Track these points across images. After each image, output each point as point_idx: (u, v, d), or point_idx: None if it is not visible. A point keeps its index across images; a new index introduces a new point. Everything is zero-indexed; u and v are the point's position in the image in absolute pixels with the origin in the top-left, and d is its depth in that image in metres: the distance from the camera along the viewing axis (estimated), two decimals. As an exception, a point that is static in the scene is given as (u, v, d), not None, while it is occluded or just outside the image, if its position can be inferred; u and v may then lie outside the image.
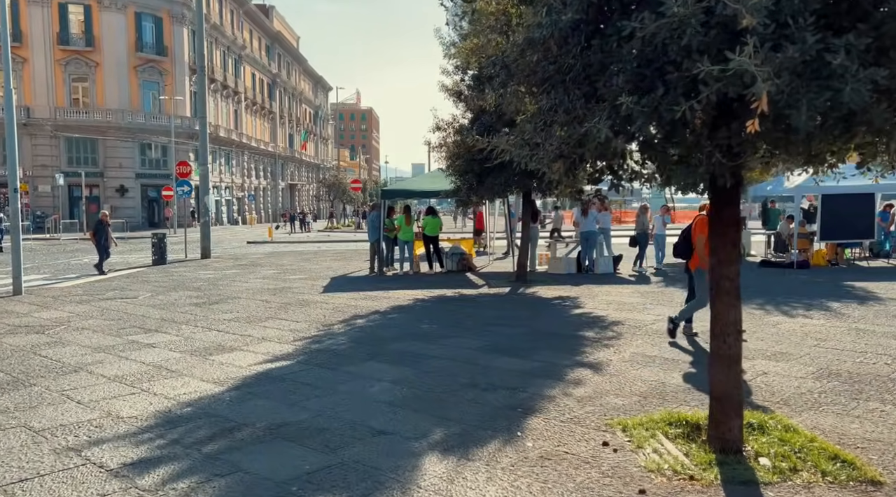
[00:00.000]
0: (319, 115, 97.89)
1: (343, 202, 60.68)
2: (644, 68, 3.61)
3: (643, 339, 8.11)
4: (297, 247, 30.64)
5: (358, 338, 8.60)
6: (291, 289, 13.77)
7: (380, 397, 5.92)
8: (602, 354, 7.36)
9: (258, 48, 72.23)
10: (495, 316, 10.13)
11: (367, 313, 10.53)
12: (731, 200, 4.42)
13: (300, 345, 8.25)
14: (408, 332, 8.95)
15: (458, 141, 13.67)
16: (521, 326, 9.18)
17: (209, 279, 15.88)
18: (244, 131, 65.64)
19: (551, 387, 6.10)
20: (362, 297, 12.31)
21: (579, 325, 9.24)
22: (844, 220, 16.05)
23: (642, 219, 16.10)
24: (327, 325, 9.52)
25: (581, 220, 15.74)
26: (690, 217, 9.54)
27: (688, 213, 45.21)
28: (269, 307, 11.35)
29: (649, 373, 6.53)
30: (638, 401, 5.62)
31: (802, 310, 9.99)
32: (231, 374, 6.85)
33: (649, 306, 10.66)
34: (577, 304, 11.15)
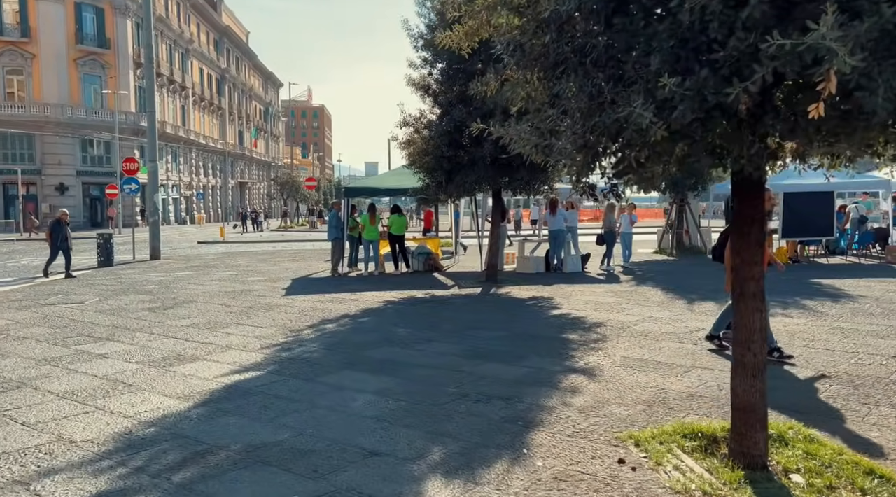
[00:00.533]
0: (270, 111, 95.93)
1: (297, 201, 59.43)
2: (678, 48, 3.25)
3: (630, 342, 7.83)
4: (251, 247, 29.68)
5: (331, 344, 8.08)
6: (251, 291, 13.10)
7: (365, 412, 5.43)
8: (592, 359, 7.03)
9: (206, 43, 70.22)
10: (472, 319, 9.73)
11: (336, 317, 9.99)
12: (754, 195, 4.10)
13: (269, 353, 7.68)
14: (383, 337, 8.46)
15: (426, 137, 13.23)
16: (501, 329, 8.80)
17: (161, 282, 15.03)
18: (192, 128, 63.70)
19: (547, 396, 5.73)
20: (329, 300, 11.75)
21: (561, 327, 8.91)
22: (805, 218, 16.23)
23: (609, 217, 15.94)
24: (295, 331, 8.95)
25: (550, 219, 15.48)
26: (656, 215, 9.27)
27: (652, 212, 45.74)
28: (229, 312, 10.69)
29: (646, 378, 6.22)
30: (642, 410, 5.29)
31: (780, 308, 9.89)
32: (196, 388, 6.26)
33: (627, 306, 10.42)
34: (554, 304, 10.84)
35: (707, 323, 8.84)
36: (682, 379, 6.18)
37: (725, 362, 6.74)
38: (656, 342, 7.78)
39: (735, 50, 2.96)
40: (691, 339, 7.92)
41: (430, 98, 13.28)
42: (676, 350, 7.37)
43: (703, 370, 6.47)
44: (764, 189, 4.14)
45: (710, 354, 7.12)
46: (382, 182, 15.86)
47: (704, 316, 9.39)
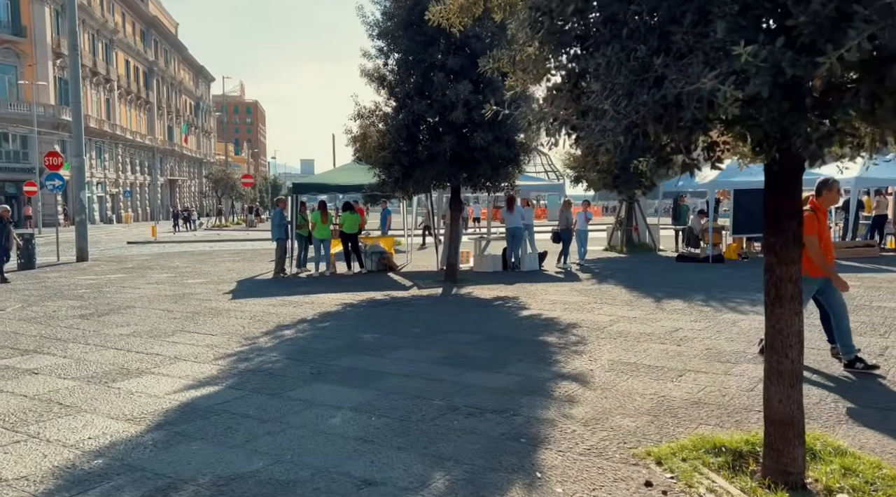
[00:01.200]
0: (201, 106, 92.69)
1: (232, 199, 57.42)
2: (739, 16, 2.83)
3: (611, 344, 7.48)
4: (186, 247, 28.28)
5: (292, 353, 7.41)
6: (194, 295, 12.20)
7: (347, 431, 4.85)
8: (578, 363, 6.63)
9: (132, 33, 67.11)
10: (440, 321, 9.21)
11: (292, 322, 9.30)
12: (793, 187, 3.75)
13: (225, 364, 6.96)
14: (348, 343, 7.85)
15: (382, 130, 12.62)
16: (473, 332, 8.32)
17: (92, 285, 13.89)
18: (118, 122, 60.74)
19: (543, 407, 5.28)
20: (281, 303, 11.01)
21: (535, 329, 8.51)
22: (754, 214, 16.38)
23: (566, 214, 15.71)
24: (250, 339, 8.23)
25: (507, 216, 15.12)
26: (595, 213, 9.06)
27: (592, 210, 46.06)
28: (172, 318, 9.84)
29: (641, 384, 5.86)
30: (649, 421, 4.90)
31: (748, 306, 9.79)
32: (147, 407, 5.52)
33: (596, 306, 10.12)
34: (521, 305, 10.45)
35: (681, 322, 8.61)
36: (678, 384, 5.84)
37: (717, 364, 6.47)
38: (638, 344, 7.46)
39: (815, 15, 2.56)
40: (672, 339, 7.64)
41: (385, 90, 12.67)
42: (661, 352, 7.06)
43: (697, 374, 6.16)
44: (801, 182, 3.80)
45: (698, 357, 6.84)
46: (333, 178, 15.15)
47: (677, 315, 9.17)
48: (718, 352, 6.99)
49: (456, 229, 13.28)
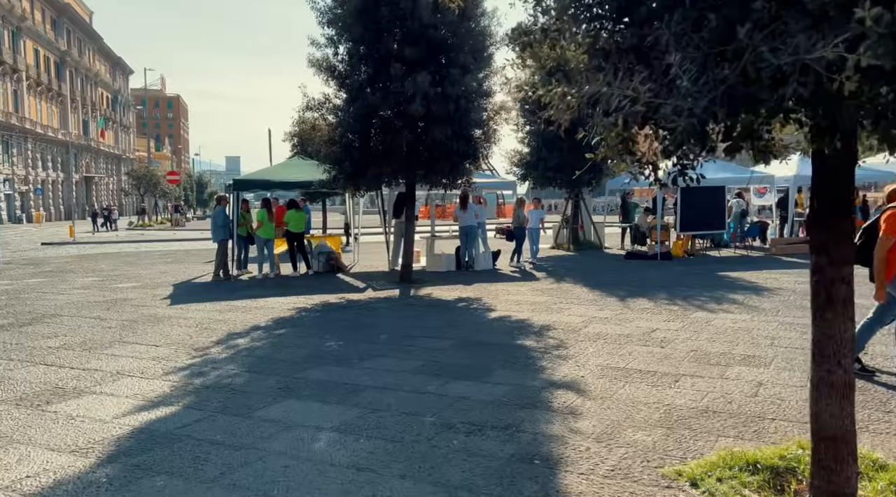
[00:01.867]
0: (119, 100, 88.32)
1: (155, 197, 54.76)
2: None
3: (593, 347, 7.15)
4: (109, 248, 26.58)
5: (253, 365, 6.73)
6: (128, 301, 11.21)
7: (337, 458, 4.28)
8: (566, 370, 6.26)
9: (42, 21, 63.08)
10: (407, 326, 8.68)
11: (244, 330, 8.57)
12: (848, 180, 3.45)
13: (178, 380, 6.23)
14: (313, 353, 7.23)
15: (332, 123, 11.96)
16: (445, 337, 7.84)
17: (8, 292, 12.63)
18: (27, 116, 56.96)
19: (546, 421, 4.86)
20: (227, 309, 10.21)
21: (509, 332, 8.10)
22: (700, 212, 16.60)
23: (519, 212, 15.42)
24: (201, 350, 7.48)
25: (460, 214, 14.69)
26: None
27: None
28: (107, 327, 8.93)
29: (640, 392, 5.52)
30: (665, 434, 4.55)
31: (713, 303, 9.71)
32: (94, 435, 4.79)
33: (563, 306, 9.81)
34: (487, 306, 10.03)
35: (654, 322, 8.40)
36: (678, 391, 5.54)
37: (709, 367, 6.22)
38: (620, 347, 7.16)
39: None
40: (653, 341, 7.38)
41: (335, 81, 11.99)
42: (648, 355, 6.77)
43: (693, 378, 5.89)
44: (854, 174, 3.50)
45: (686, 359, 6.58)
46: (278, 174, 14.30)
47: (648, 314, 8.96)
48: (705, 354, 6.76)
49: (411, 228, 12.75)
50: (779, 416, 4.83)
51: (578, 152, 18.94)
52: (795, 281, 11.88)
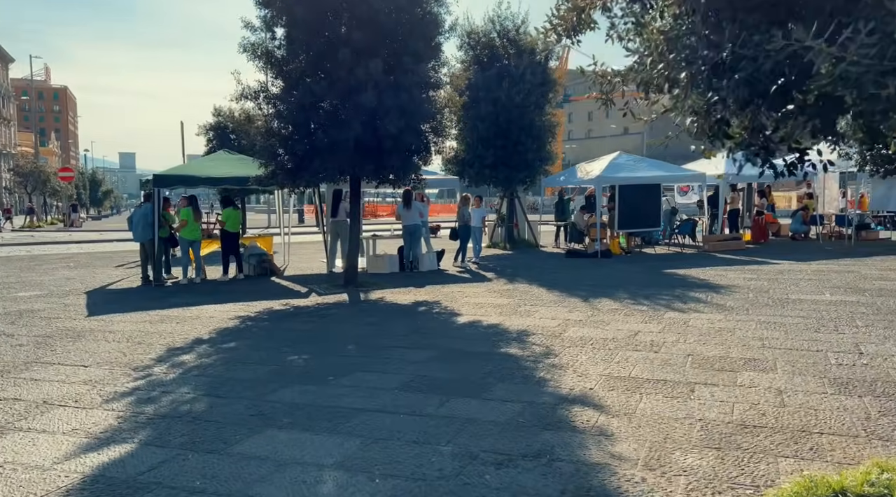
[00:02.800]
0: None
1: (45, 195, 50.59)
2: None
3: (584, 354, 6.68)
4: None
5: (211, 387, 5.83)
6: (35, 312, 9.83)
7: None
8: (570, 381, 5.74)
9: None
10: (371, 335, 7.93)
11: (186, 344, 7.57)
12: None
13: (123, 409, 5.26)
14: (278, 370, 6.38)
15: (270, 114, 10.99)
16: (421, 348, 7.16)
17: None
18: None
19: (579, 446, 4.30)
20: (159, 319, 9.09)
21: (487, 339, 7.51)
22: (637, 209, 16.65)
23: (463, 210, 14.89)
24: (141, 369, 6.47)
25: (403, 213, 13.99)
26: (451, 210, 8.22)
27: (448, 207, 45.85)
28: (17, 344, 7.69)
29: (662, 405, 5.07)
30: (717, 457, 4.09)
31: (679, 302, 9.51)
32: (34, 488, 3.83)
33: (529, 308, 9.33)
34: (450, 310, 9.41)
35: (632, 324, 8.05)
36: (701, 402, 5.13)
37: (716, 374, 5.87)
38: (612, 352, 6.73)
39: None
40: (643, 346, 7.00)
41: (272, 68, 11.01)
42: (646, 362, 6.36)
43: (707, 387, 5.50)
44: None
45: (688, 365, 6.22)
46: (204, 169, 13.05)
47: (621, 316, 8.62)
48: (703, 358, 6.42)
49: (357, 228, 11.94)
50: (825, 430, 4.48)
51: (514, 150, 18.70)
52: (744, 278, 11.95)
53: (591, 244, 16.47)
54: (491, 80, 18.07)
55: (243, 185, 12.61)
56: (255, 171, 11.39)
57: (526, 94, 18.22)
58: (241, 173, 12.53)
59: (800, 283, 11.10)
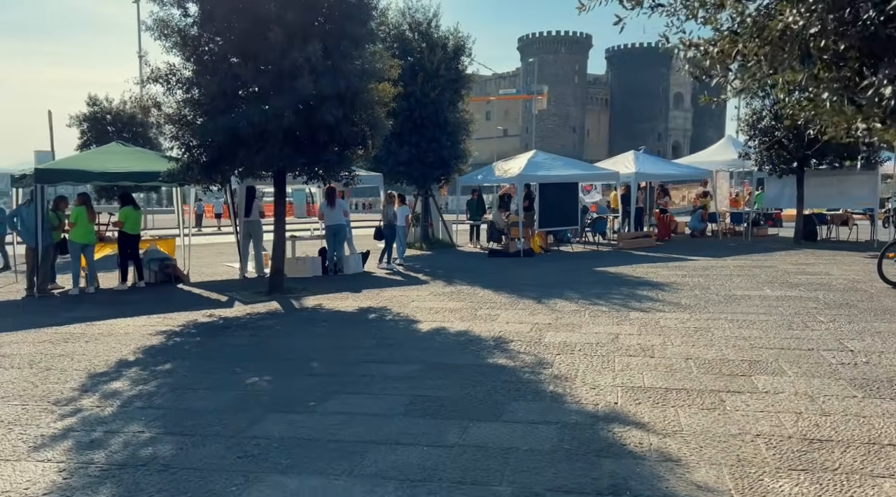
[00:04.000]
0: None
1: None
2: None
3: (579, 362, 6.17)
4: None
5: (167, 422, 4.77)
6: None
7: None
8: (586, 396, 5.20)
9: None
10: (331, 348, 7.02)
11: (109, 367, 6.34)
12: None
13: (62, 457, 4.14)
14: (243, 396, 5.39)
15: (184, 100, 9.71)
16: (400, 362, 6.37)
17: None
18: None
19: (653, 476, 3.75)
20: (61, 338, 7.67)
21: (465, 349, 6.82)
22: (557, 208, 16.58)
23: (389, 209, 14.06)
24: (65, 403, 5.26)
25: (327, 212, 12.98)
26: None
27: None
28: None
29: (706, 420, 4.63)
30: (811, 480, 3.67)
31: (634, 302, 9.29)
32: None
33: (488, 311, 8.74)
34: (404, 317, 8.62)
35: (605, 326, 7.68)
36: (743, 414, 4.73)
37: (732, 379, 5.55)
38: (607, 359, 6.27)
39: None
40: (634, 350, 6.61)
41: (188, 48, 9.72)
42: (649, 368, 5.95)
43: (734, 395, 5.14)
44: None
45: (696, 370, 5.88)
46: (98, 162, 11.24)
47: (588, 318, 8.24)
48: (705, 362, 6.10)
49: (281, 227, 10.84)
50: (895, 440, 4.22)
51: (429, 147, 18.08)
52: (676, 275, 12.02)
53: (512, 243, 16.17)
54: (405, 74, 17.33)
55: (150, 180, 11.11)
56: (161, 166, 10.04)
57: (441, 89, 17.68)
58: (145, 168, 11.05)
59: (733, 279, 11.29)
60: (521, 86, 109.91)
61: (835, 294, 9.57)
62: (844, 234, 19.28)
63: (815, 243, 17.95)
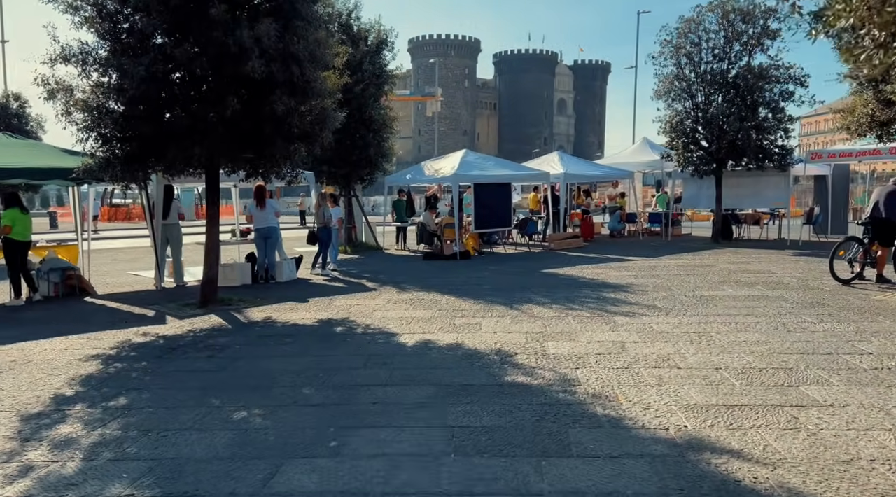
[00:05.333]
0: None
1: None
2: None
3: (611, 377, 5.58)
4: None
5: (159, 479, 3.70)
6: None
7: None
8: (646, 418, 4.60)
9: None
10: (314, 368, 6.02)
11: (45, 406, 5.07)
12: None
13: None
14: (238, 439, 4.36)
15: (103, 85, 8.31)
16: (409, 384, 5.49)
17: None
18: None
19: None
20: (-36, 369, 6.19)
21: (471, 366, 6.03)
22: (492, 209, 16.11)
23: (324, 210, 12.95)
24: (11, 456, 4.03)
25: (256, 213, 11.75)
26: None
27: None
28: None
29: (804, 444, 4.14)
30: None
31: (609, 305, 8.87)
32: None
33: (466, 320, 7.99)
34: (376, 329, 7.68)
35: (598, 333, 7.18)
36: (831, 432, 4.27)
37: (779, 391, 5.16)
38: (633, 372, 5.72)
39: None
40: (652, 360, 6.12)
41: (106, 22, 8.31)
42: (683, 380, 5.45)
43: (798, 410, 4.72)
44: None
45: (740, 383, 5.45)
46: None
47: (574, 323, 7.71)
48: (738, 371, 5.67)
49: (215, 232, 9.58)
50: None
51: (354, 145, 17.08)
52: (627, 276, 11.81)
53: (447, 245, 15.50)
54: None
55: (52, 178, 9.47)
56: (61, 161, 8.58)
57: (364, 84, 16.74)
58: (44, 164, 9.42)
59: (686, 279, 11.21)
60: (412, 87, 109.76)
61: (797, 293, 9.61)
62: (755, 232, 20.15)
63: (731, 242, 18.59)
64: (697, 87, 17.58)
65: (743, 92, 16.86)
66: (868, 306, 8.55)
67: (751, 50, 17.17)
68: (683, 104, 17.91)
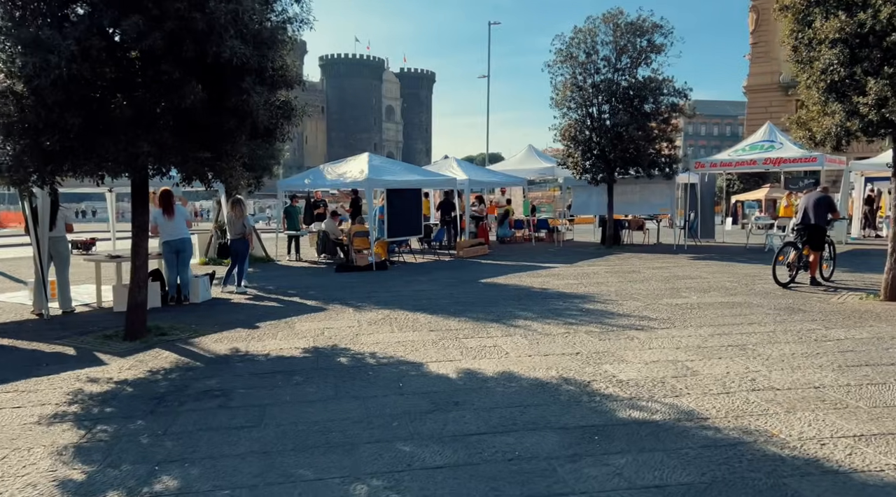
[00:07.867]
0: None
1: None
2: None
3: (715, 405, 5.00)
4: None
5: None
6: None
7: None
8: (815, 452, 4.08)
9: None
10: (369, 415, 4.75)
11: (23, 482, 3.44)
12: None
13: None
14: None
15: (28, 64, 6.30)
16: (508, 430, 4.47)
17: None
18: None
19: None
20: None
21: (555, 401, 5.12)
22: (403, 216, 15.16)
23: (243, 220, 11.13)
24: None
25: (164, 223, 9.80)
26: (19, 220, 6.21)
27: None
28: None
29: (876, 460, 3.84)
30: None
31: (606, 318, 8.38)
32: None
33: (479, 342, 7.03)
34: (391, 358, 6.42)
35: (651, 351, 6.65)
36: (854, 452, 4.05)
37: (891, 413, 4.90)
38: (736, 395, 5.21)
39: None
40: (737, 379, 5.67)
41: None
42: (791, 403, 5.05)
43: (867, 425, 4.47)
44: None
45: (848, 403, 5.13)
46: None
47: (610, 342, 7.10)
48: (836, 388, 5.38)
49: (143, 244, 7.71)
50: None
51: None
52: (574, 284, 11.48)
53: (360, 255, 14.26)
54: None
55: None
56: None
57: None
58: None
59: (635, 286, 11.11)
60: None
61: (759, 299, 9.77)
62: (637, 237, 21.08)
63: (621, 246, 19.24)
64: (592, 96, 17.94)
65: (635, 102, 17.46)
66: (842, 309, 8.83)
67: (639, 63, 17.85)
68: (578, 113, 18.20)
